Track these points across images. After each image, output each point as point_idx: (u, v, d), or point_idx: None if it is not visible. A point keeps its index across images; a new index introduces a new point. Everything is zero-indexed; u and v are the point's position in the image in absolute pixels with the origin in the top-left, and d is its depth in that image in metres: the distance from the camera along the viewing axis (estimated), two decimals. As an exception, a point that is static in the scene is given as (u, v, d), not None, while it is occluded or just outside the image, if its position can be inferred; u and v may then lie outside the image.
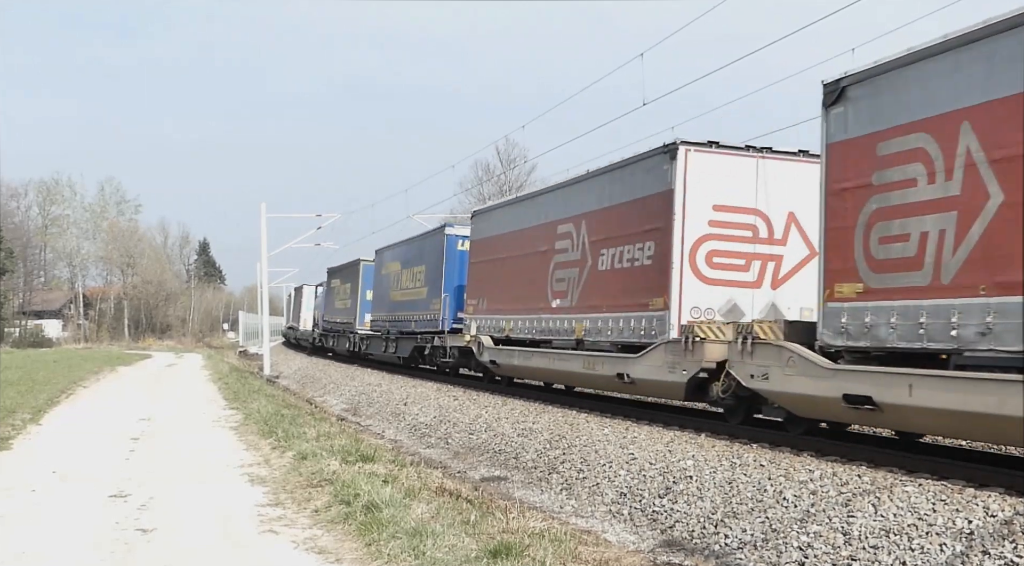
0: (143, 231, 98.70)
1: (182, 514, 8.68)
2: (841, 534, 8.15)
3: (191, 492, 9.78)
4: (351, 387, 28.40)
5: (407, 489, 9.26)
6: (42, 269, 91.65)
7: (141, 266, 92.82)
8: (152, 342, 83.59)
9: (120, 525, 8.12)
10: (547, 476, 12.91)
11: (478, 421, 17.31)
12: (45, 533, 7.84)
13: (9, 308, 73.68)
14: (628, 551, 8.72)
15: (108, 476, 10.61)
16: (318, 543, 7.49)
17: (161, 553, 7.21)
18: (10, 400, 18.71)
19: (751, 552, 8.65)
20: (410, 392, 23.29)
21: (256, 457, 12.22)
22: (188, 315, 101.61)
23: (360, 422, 21.07)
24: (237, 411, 18.56)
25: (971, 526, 7.51)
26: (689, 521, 9.80)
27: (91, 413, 18.40)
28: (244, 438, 14.31)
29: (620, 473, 11.73)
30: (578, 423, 14.76)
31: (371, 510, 8.08)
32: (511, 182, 60.10)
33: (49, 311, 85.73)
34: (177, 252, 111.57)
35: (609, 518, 10.71)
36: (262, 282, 51.73)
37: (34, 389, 22.51)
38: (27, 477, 10.47)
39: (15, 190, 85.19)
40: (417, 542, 7.00)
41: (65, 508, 8.87)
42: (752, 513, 9.30)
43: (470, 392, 21.25)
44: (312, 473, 10.40)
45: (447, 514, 8.22)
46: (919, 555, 7.42)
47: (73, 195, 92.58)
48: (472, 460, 14.97)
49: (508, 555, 6.78)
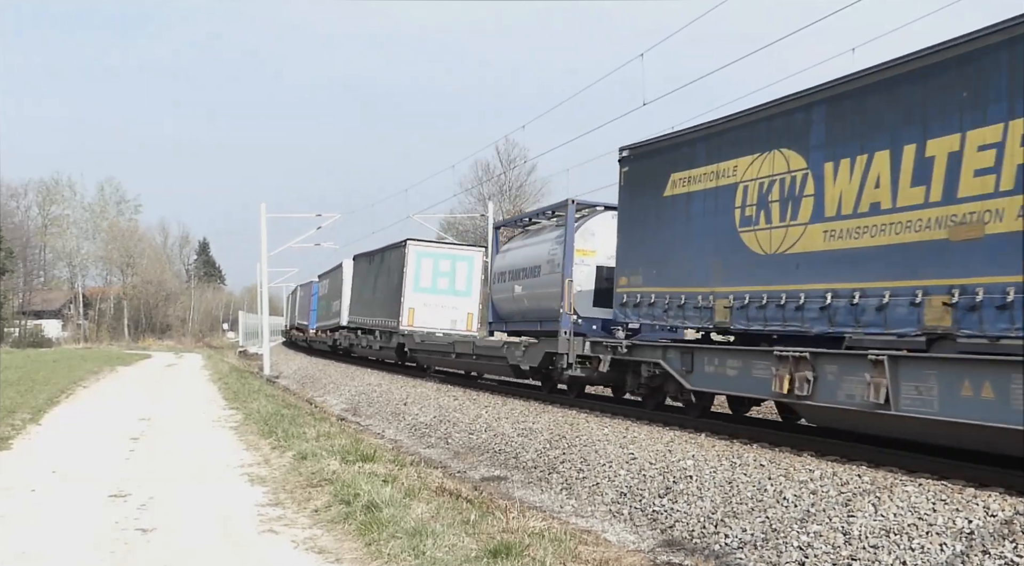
0: (143, 231, 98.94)
1: (182, 514, 8.68)
2: (841, 534, 8.15)
3: (191, 492, 9.78)
4: (351, 387, 28.40)
5: (407, 489, 9.26)
6: (42, 269, 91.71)
7: (141, 266, 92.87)
8: (152, 342, 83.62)
9: (120, 525, 8.12)
10: (547, 476, 12.91)
11: (478, 421, 17.31)
12: (45, 533, 7.84)
13: (9, 308, 73.69)
14: (628, 551, 8.72)
15: (108, 476, 10.61)
16: (318, 543, 7.49)
17: (161, 553, 7.21)
18: (10, 400, 18.71)
19: (751, 552, 8.64)
20: (410, 392, 23.28)
21: (256, 457, 12.21)
22: (188, 315, 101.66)
23: (360, 422, 21.06)
24: (237, 411, 18.56)
25: (971, 526, 7.51)
26: (689, 521, 9.80)
27: (91, 413, 18.40)
28: (244, 438, 14.30)
29: (620, 473, 11.73)
30: (578, 423, 14.75)
31: (371, 510, 8.08)
32: (511, 182, 60.12)
33: (49, 311, 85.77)
34: (177, 252, 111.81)
35: (609, 518, 10.71)
36: (262, 282, 51.74)
37: (34, 389, 22.51)
38: (27, 477, 10.46)
39: (15, 190, 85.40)
40: (417, 542, 7.00)
41: (65, 508, 8.86)
42: (752, 513, 9.30)
43: (470, 392, 21.25)
44: (312, 473, 10.40)
45: (447, 514, 8.22)
46: (919, 555, 7.42)
47: (73, 195, 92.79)
48: (472, 460, 14.97)
49: (508, 555, 6.78)
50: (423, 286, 28.73)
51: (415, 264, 28.83)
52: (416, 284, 28.74)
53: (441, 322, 28.42)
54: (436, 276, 28.95)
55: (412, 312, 28.55)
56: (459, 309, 28.84)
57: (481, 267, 29.28)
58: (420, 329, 28.12)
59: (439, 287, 28.92)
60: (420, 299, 28.68)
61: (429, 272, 28.88)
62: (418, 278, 28.77)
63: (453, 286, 29.08)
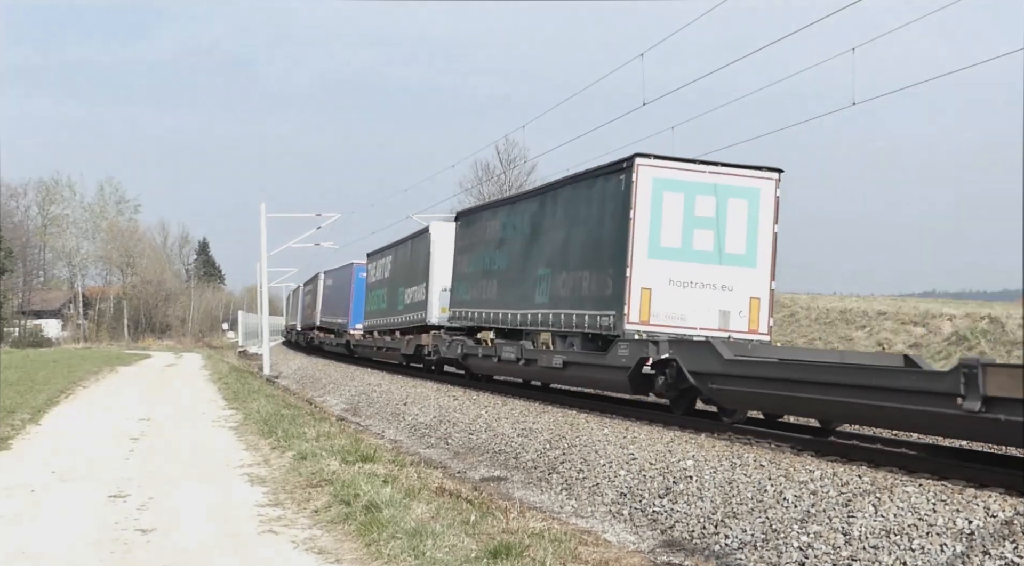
0: (143, 231, 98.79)
1: (182, 514, 8.67)
2: (841, 534, 8.14)
3: (191, 492, 9.77)
4: (351, 387, 28.40)
5: (407, 489, 9.25)
6: (41, 269, 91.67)
7: (141, 266, 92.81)
8: (151, 342, 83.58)
9: (120, 525, 8.11)
10: (547, 476, 12.91)
11: (478, 421, 17.31)
12: (45, 533, 7.84)
13: (8, 308, 73.68)
14: (628, 551, 8.72)
15: (107, 476, 10.60)
16: (318, 543, 7.48)
17: (160, 553, 7.21)
18: (10, 400, 18.69)
19: (751, 552, 8.64)
20: (410, 392, 23.28)
21: (256, 457, 12.21)
22: (188, 315, 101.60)
23: (360, 422, 21.06)
24: (237, 411, 18.54)
25: (971, 526, 7.51)
26: (689, 521, 9.80)
27: (91, 413, 18.39)
28: (244, 438, 14.30)
29: (620, 473, 11.73)
30: (578, 423, 14.75)
31: (371, 510, 8.08)
32: (511, 182, 60.08)
33: (48, 311, 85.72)
34: (177, 252, 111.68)
35: (609, 518, 10.71)
36: (262, 282, 51.73)
37: (33, 389, 22.49)
38: (27, 477, 10.46)
39: (15, 190, 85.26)
40: (417, 542, 7.00)
41: (64, 508, 8.86)
42: (752, 513, 9.30)
43: (470, 392, 21.23)
44: (312, 473, 10.39)
45: (447, 514, 8.22)
46: (919, 555, 7.42)
47: (72, 195, 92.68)
48: (472, 460, 14.97)
49: (508, 555, 6.77)
50: (668, 246, 15.41)
51: (652, 202, 15.34)
52: (654, 242, 15.37)
53: (702, 316, 15.44)
54: (689, 227, 15.50)
55: (646, 297, 15.31)
56: (735, 290, 15.58)
57: (773, 208, 15.67)
58: (664, 328, 15.21)
59: (698, 248, 15.51)
60: (661, 271, 15.36)
61: (677, 219, 15.45)
62: (657, 230, 15.37)
63: (721, 246, 15.59)
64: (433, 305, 26.03)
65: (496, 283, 20.69)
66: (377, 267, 34.61)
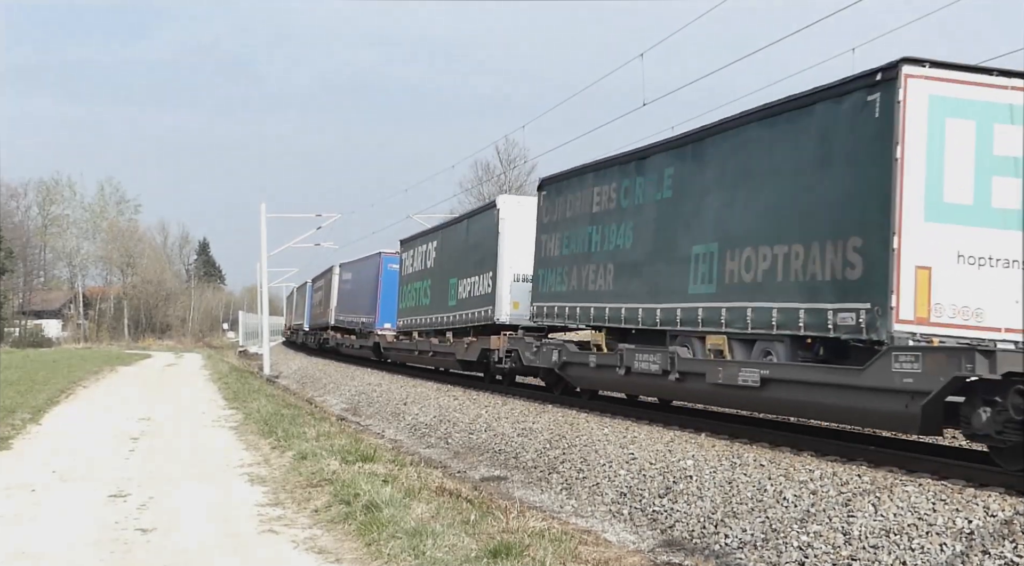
0: (143, 231, 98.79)
1: (182, 514, 8.68)
2: (841, 534, 8.14)
3: (191, 492, 9.78)
4: (351, 387, 28.39)
5: (407, 489, 9.26)
6: (42, 269, 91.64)
7: (141, 266, 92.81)
8: (152, 342, 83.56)
9: (120, 525, 8.12)
10: (547, 476, 12.91)
11: (478, 421, 17.30)
12: (45, 533, 7.84)
13: (9, 308, 73.65)
14: (628, 551, 8.72)
15: (108, 476, 10.61)
16: (318, 543, 7.49)
17: (160, 553, 7.21)
18: (10, 400, 18.70)
19: (751, 552, 8.65)
20: (410, 392, 23.28)
21: (256, 457, 12.21)
22: (188, 315, 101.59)
23: (360, 422, 21.06)
24: (237, 411, 18.55)
25: (971, 526, 7.51)
26: (689, 521, 9.80)
27: (91, 413, 18.39)
28: (244, 438, 14.30)
29: (620, 473, 11.73)
30: (578, 423, 14.74)
31: (371, 510, 8.08)
32: (511, 182, 60.09)
33: (49, 311, 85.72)
34: (177, 252, 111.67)
35: (609, 518, 10.71)
36: (262, 282, 51.73)
37: (34, 389, 22.49)
38: (27, 477, 10.46)
39: (15, 190, 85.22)
40: (417, 542, 7.00)
41: (65, 508, 8.86)
42: (752, 513, 9.30)
43: (470, 392, 21.23)
44: (312, 473, 10.39)
45: (447, 514, 8.22)
46: (919, 555, 7.42)
47: (73, 195, 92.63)
48: (472, 460, 14.97)
49: (508, 555, 6.77)
50: (954, 202, 10.02)
51: (929, 135, 10.00)
52: (932, 197, 9.98)
53: (1008, 310, 10.00)
54: (985, 174, 10.18)
55: (924, 281, 9.93)
56: None
57: None
58: (951, 329, 9.93)
59: (998, 206, 10.14)
60: (945, 241, 9.98)
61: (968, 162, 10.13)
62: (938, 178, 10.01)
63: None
64: (503, 299, 20.86)
65: (612, 268, 15.68)
66: (415, 256, 28.83)
